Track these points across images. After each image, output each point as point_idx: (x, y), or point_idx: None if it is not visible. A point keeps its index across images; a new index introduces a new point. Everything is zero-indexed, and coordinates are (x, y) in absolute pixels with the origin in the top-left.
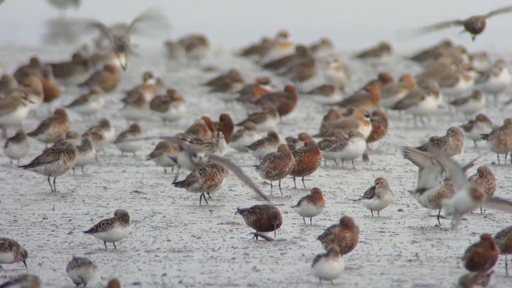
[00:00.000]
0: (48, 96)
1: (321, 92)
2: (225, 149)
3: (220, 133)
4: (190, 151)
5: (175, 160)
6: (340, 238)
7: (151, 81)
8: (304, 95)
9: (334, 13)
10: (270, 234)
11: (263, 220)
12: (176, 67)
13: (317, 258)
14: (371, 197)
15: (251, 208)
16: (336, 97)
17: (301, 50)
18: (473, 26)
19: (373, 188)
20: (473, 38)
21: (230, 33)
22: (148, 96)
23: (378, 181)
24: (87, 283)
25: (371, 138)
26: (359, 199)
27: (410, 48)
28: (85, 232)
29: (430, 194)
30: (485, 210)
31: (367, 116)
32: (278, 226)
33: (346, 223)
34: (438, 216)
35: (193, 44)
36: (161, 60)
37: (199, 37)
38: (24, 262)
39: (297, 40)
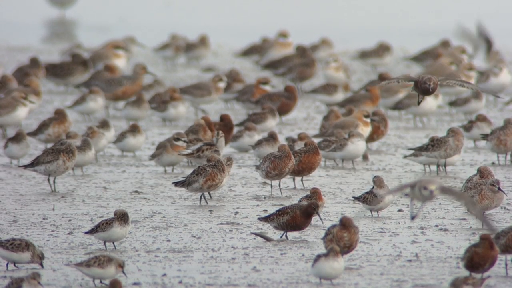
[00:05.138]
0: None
1: (324, 91)
2: (224, 149)
3: (220, 132)
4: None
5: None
6: (338, 238)
7: (221, 84)
8: (306, 94)
9: (334, 13)
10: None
11: (297, 217)
12: (174, 67)
13: (317, 258)
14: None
15: (279, 210)
16: (340, 96)
17: (301, 50)
18: (426, 86)
19: (370, 193)
20: (419, 102)
21: (230, 33)
22: (216, 97)
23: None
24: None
25: (371, 138)
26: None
27: (410, 48)
28: (85, 233)
29: None
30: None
31: (366, 116)
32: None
33: (344, 223)
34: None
35: (193, 44)
36: (160, 60)
37: (199, 37)
38: (41, 264)
39: (297, 40)
